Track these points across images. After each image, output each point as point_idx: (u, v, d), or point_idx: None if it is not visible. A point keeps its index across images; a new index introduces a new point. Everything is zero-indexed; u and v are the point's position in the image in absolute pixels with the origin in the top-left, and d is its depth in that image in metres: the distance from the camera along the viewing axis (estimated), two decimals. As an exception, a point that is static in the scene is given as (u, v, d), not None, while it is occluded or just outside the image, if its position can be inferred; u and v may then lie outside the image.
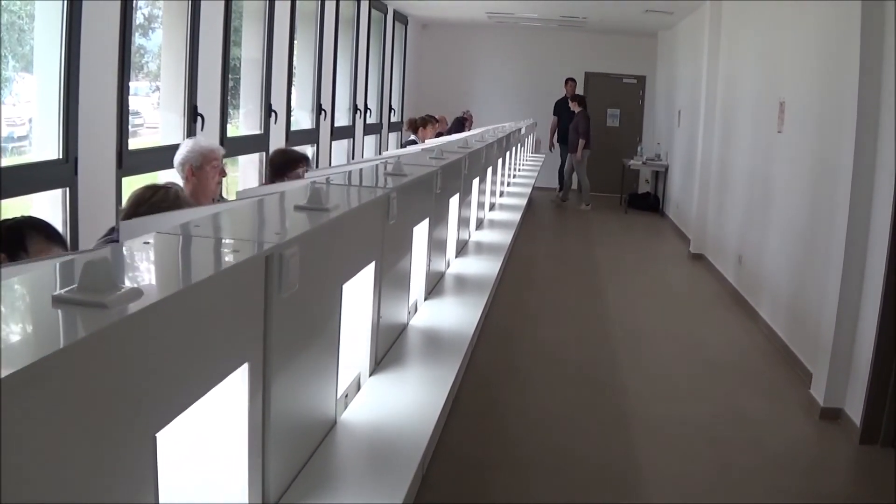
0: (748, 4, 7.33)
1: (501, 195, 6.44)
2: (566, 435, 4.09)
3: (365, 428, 1.80)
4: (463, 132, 10.05)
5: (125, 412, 0.93)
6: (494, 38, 13.51)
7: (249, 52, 6.35)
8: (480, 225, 4.81)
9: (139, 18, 4.90)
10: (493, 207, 5.64)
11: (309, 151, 7.32)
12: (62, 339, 0.87)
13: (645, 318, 6.45)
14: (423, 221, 2.75)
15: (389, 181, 2.32)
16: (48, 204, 3.84)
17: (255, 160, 6.46)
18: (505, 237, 4.53)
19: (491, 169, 5.30)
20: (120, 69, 4.16)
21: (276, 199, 1.91)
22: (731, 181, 7.70)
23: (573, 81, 12.50)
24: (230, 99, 5.79)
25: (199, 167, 3.52)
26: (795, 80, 5.71)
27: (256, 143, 6.36)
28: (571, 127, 11.91)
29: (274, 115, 6.50)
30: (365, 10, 9.36)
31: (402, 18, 11.70)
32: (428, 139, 8.50)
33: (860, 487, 3.81)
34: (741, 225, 7.09)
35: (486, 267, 3.66)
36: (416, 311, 2.75)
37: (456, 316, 2.80)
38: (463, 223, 3.93)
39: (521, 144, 9.20)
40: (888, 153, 4.02)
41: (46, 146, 3.81)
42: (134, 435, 0.96)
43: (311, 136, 7.68)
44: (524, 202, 6.38)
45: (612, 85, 13.45)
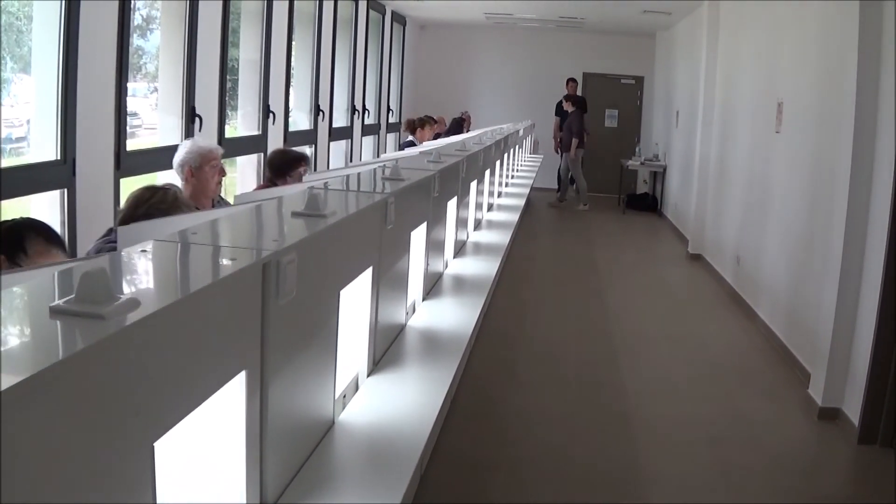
0: (746, 5, 7.33)
1: (500, 196, 6.44)
2: (564, 435, 4.09)
3: (363, 428, 1.80)
4: (461, 133, 10.06)
5: (123, 422, 0.94)
6: (492, 38, 13.52)
7: (247, 52, 6.35)
8: (479, 225, 4.81)
9: (137, 19, 4.90)
10: (491, 208, 5.64)
11: (307, 152, 7.31)
12: (60, 351, 0.87)
13: (643, 318, 6.46)
14: (420, 225, 2.75)
15: (387, 186, 2.32)
16: (46, 205, 3.84)
17: (253, 161, 6.46)
18: (503, 238, 4.53)
19: (489, 171, 5.29)
20: (118, 70, 4.17)
21: (273, 204, 1.91)
22: (729, 181, 7.71)
23: (574, 81, 12.49)
24: (228, 100, 5.79)
25: (198, 168, 3.52)
26: (793, 80, 5.72)
27: (254, 143, 6.36)
28: (565, 126, 11.92)
29: (272, 115, 6.50)
30: (363, 10, 9.36)
31: (400, 19, 11.71)
32: (426, 140, 8.51)
33: (859, 487, 3.81)
34: (739, 225, 7.09)
35: (484, 267, 3.66)
36: (414, 311, 2.75)
37: (454, 316, 2.80)
38: (461, 224, 3.93)
39: (518, 146, 9.20)
40: (886, 153, 4.02)
41: (44, 147, 3.81)
42: (132, 445, 0.96)
43: (309, 136, 7.69)
44: (522, 203, 6.38)
45: (610, 85, 13.46)
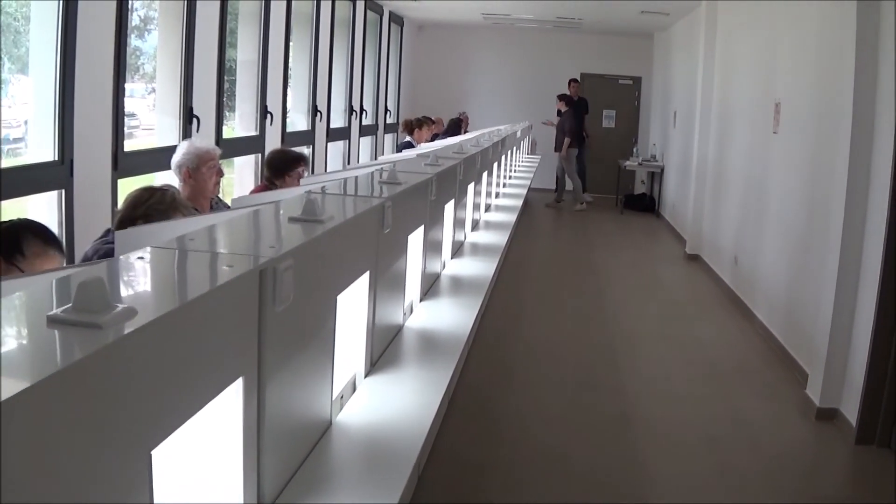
0: (744, 5, 7.34)
1: (497, 196, 6.44)
2: (562, 435, 4.09)
3: (360, 429, 1.80)
4: (459, 133, 10.06)
5: (120, 431, 0.93)
6: (490, 39, 13.52)
7: (245, 53, 6.35)
8: (476, 226, 4.80)
9: (135, 20, 4.90)
10: (488, 209, 5.64)
11: (305, 153, 7.32)
12: (58, 361, 0.86)
13: (641, 318, 6.46)
14: (418, 229, 2.75)
15: (384, 190, 2.32)
16: (44, 206, 3.83)
17: (251, 162, 6.46)
18: (500, 238, 4.53)
19: (486, 173, 5.29)
20: (115, 71, 4.16)
21: (271, 209, 1.91)
22: (726, 182, 7.71)
23: (576, 82, 12.48)
24: (226, 101, 5.79)
25: (195, 169, 3.52)
26: (791, 80, 5.72)
27: (252, 144, 6.36)
28: (558, 126, 11.94)
29: (269, 116, 6.50)
30: (360, 11, 9.36)
31: (397, 20, 11.71)
32: (424, 140, 8.52)
33: (856, 488, 3.82)
34: (737, 225, 7.10)
35: (481, 268, 3.66)
36: (411, 312, 2.74)
37: (451, 317, 2.80)
38: (458, 224, 3.93)
39: (516, 147, 9.20)
40: (884, 153, 4.03)
41: (42, 148, 3.81)
42: (129, 453, 0.96)
43: (306, 137, 7.69)
44: (520, 203, 6.38)
45: (607, 86, 13.46)
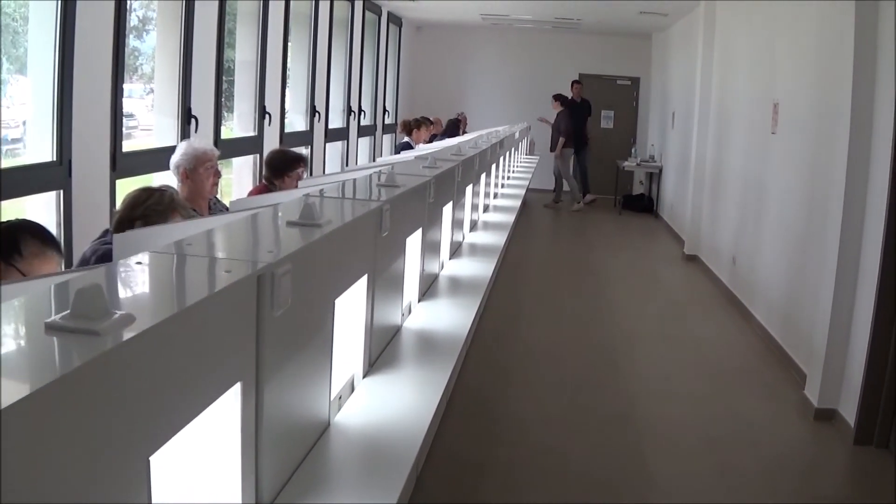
0: (742, 6, 7.35)
1: (496, 197, 6.44)
2: (560, 436, 4.09)
3: (358, 429, 1.80)
4: (457, 134, 10.07)
5: (118, 438, 0.94)
6: (489, 39, 13.52)
7: (243, 53, 6.35)
8: (474, 227, 4.81)
9: (133, 20, 4.90)
10: (487, 209, 5.64)
11: (304, 153, 7.32)
12: (57, 368, 0.86)
13: (639, 319, 6.47)
14: (416, 231, 2.75)
15: (382, 193, 2.32)
16: (42, 206, 3.83)
17: (249, 162, 6.46)
18: (499, 239, 4.53)
19: (485, 174, 5.29)
20: (114, 71, 4.16)
21: (269, 213, 1.91)
22: (724, 182, 7.72)
23: (579, 84, 12.48)
24: (224, 101, 5.79)
25: (192, 170, 3.53)
26: (789, 81, 5.73)
27: (250, 145, 6.36)
28: (553, 126, 11.97)
29: (268, 117, 6.50)
30: (359, 11, 9.36)
31: (396, 20, 11.71)
32: (422, 141, 8.53)
33: (855, 488, 3.82)
34: (735, 226, 7.10)
35: (479, 269, 3.66)
36: (409, 312, 2.74)
37: (449, 318, 2.80)
38: (456, 225, 3.93)
39: (514, 148, 9.20)
40: (882, 153, 4.03)
41: (40, 148, 3.81)
42: (127, 459, 0.96)
43: (305, 137, 7.68)
44: (518, 204, 6.39)
45: (606, 86, 13.47)
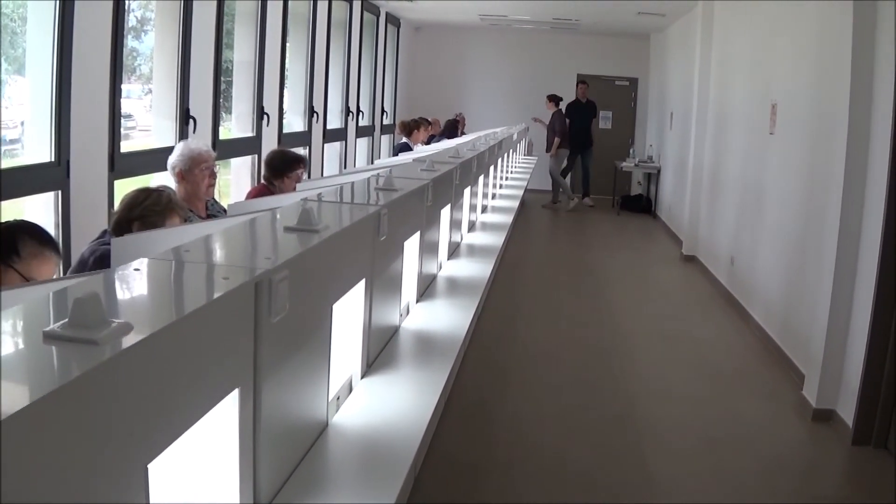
0: (740, 6, 7.35)
1: (494, 197, 6.44)
2: (558, 437, 4.10)
3: (356, 430, 1.80)
4: (456, 135, 10.08)
5: (116, 446, 0.94)
6: (487, 40, 13.53)
7: (242, 54, 6.34)
8: (472, 227, 4.81)
9: (132, 21, 4.89)
10: (485, 210, 5.64)
11: (303, 154, 7.31)
12: (56, 379, 0.86)
13: (637, 319, 6.47)
14: (414, 235, 2.75)
15: (380, 197, 2.32)
16: (41, 207, 3.83)
17: (247, 163, 6.45)
18: (497, 239, 4.53)
19: (483, 176, 5.29)
20: (112, 72, 4.16)
21: (266, 218, 1.90)
22: (723, 183, 7.73)
23: (584, 84, 12.47)
24: (222, 101, 5.79)
25: (188, 171, 3.54)
26: (787, 81, 5.73)
27: (249, 145, 6.36)
28: (549, 126, 11.99)
29: (266, 117, 6.50)
30: (357, 12, 9.36)
31: (394, 21, 11.70)
32: (420, 142, 8.54)
33: (853, 489, 3.82)
34: (733, 226, 7.11)
35: (477, 269, 3.66)
36: (407, 313, 2.75)
37: (448, 318, 2.80)
38: (455, 226, 3.93)
39: (512, 149, 9.20)
40: (880, 154, 4.04)
41: (38, 149, 3.81)
42: (125, 467, 0.96)
43: (303, 138, 7.68)
44: (516, 204, 6.39)
45: (604, 87, 13.47)
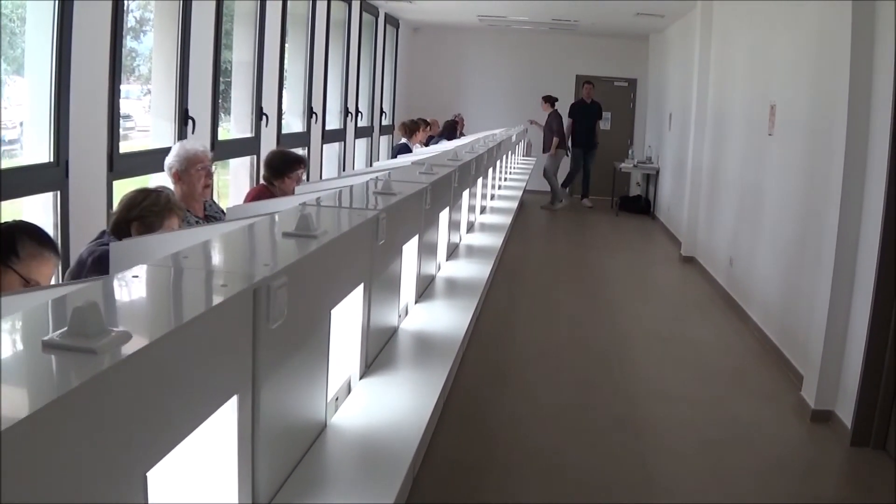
0: (739, 6, 7.36)
1: (493, 198, 6.44)
2: (557, 438, 4.09)
3: (355, 430, 1.80)
4: (454, 135, 10.08)
5: (115, 454, 0.94)
6: (486, 41, 13.53)
7: (240, 55, 6.34)
8: (471, 228, 4.81)
9: (130, 21, 4.89)
10: (483, 211, 5.65)
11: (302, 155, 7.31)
12: (54, 389, 0.86)
13: (636, 320, 6.47)
14: (412, 238, 2.75)
15: (379, 201, 2.32)
16: (39, 207, 3.83)
17: (246, 163, 6.45)
18: (496, 240, 4.53)
19: (482, 178, 5.29)
20: (111, 72, 4.16)
21: (265, 223, 1.90)
22: (721, 184, 7.73)
23: (590, 84, 12.45)
24: (221, 102, 5.79)
25: (184, 171, 3.54)
26: (786, 82, 5.73)
27: (247, 146, 6.36)
28: (546, 126, 12.00)
29: (265, 118, 6.49)
30: (356, 13, 9.36)
31: (393, 21, 11.71)
32: (419, 142, 8.55)
33: (852, 490, 3.82)
34: (732, 227, 7.11)
35: (476, 270, 3.66)
36: (406, 314, 2.75)
37: (446, 319, 2.80)
38: (453, 227, 3.93)
39: (511, 151, 9.21)
40: (879, 155, 4.04)
41: (37, 149, 3.80)
42: (124, 476, 0.96)
43: (302, 139, 7.68)
44: (515, 205, 6.39)
45: (603, 88, 13.46)
